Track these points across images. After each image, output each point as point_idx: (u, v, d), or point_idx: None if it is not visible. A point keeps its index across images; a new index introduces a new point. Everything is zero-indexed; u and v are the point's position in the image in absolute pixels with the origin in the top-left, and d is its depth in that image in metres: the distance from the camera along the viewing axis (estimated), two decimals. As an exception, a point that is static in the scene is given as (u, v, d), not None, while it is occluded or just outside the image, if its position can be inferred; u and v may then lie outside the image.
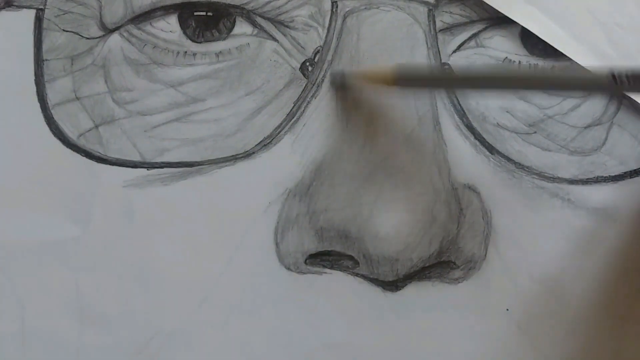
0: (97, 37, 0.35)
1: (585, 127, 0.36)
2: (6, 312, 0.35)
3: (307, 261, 0.35)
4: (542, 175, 0.36)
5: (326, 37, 0.35)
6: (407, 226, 0.34)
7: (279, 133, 0.35)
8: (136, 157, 0.35)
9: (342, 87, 0.35)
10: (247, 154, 0.35)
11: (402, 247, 0.34)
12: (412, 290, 0.35)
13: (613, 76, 0.29)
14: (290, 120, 0.35)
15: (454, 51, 0.36)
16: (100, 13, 0.35)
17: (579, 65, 0.35)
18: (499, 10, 0.35)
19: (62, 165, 0.35)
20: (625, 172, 0.36)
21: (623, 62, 0.35)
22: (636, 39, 0.35)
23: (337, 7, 0.35)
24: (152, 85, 0.35)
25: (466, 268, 0.35)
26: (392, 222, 0.34)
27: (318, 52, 0.35)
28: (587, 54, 0.35)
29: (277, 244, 0.35)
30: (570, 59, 0.35)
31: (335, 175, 0.34)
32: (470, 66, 0.36)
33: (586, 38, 0.35)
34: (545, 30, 0.35)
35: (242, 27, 0.35)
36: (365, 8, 0.35)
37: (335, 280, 0.35)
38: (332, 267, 0.35)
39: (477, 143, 0.36)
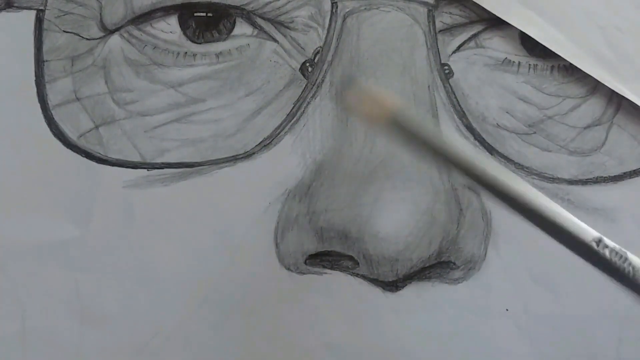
0: (97, 38, 0.35)
1: (585, 128, 0.36)
2: (6, 312, 0.35)
3: (307, 261, 0.35)
4: (541, 176, 0.36)
5: (326, 37, 0.35)
6: (407, 226, 0.34)
7: (279, 133, 0.35)
8: (136, 158, 0.35)
9: (347, 91, 0.35)
10: (247, 155, 0.35)
11: (402, 248, 0.33)
12: (412, 291, 0.35)
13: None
14: (290, 121, 0.35)
15: (454, 52, 0.36)
16: (100, 14, 0.35)
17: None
18: (497, 14, 0.35)
19: (62, 165, 0.35)
20: (624, 173, 0.36)
21: (622, 65, 0.35)
22: (635, 42, 0.36)
23: (337, 7, 0.35)
24: (152, 85, 0.35)
25: (466, 268, 0.35)
26: (392, 223, 0.33)
27: (318, 52, 0.35)
28: (586, 57, 0.35)
29: (277, 244, 0.35)
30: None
31: (335, 175, 0.34)
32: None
33: (585, 41, 0.35)
34: (544, 34, 0.35)
35: (242, 28, 0.35)
36: (365, 9, 0.35)
37: (335, 281, 0.35)
38: (332, 268, 0.35)
39: (477, 144, 0.36)
